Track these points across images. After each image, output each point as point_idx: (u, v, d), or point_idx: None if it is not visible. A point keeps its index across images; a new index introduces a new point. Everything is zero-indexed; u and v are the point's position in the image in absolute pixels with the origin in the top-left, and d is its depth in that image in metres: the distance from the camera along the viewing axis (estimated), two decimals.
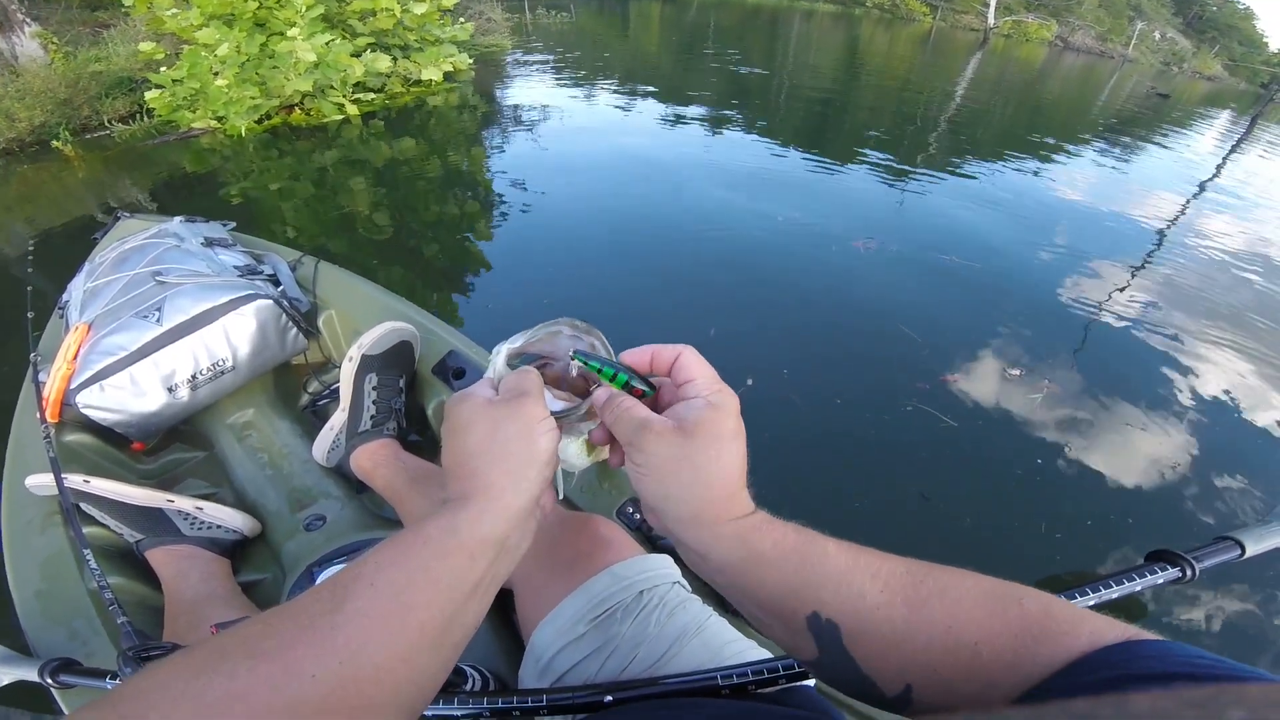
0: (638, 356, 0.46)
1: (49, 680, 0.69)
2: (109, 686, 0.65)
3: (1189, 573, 0.77)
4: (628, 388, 0.45)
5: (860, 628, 0.38)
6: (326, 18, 4.85)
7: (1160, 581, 0.75)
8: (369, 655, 0.32)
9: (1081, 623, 0.34)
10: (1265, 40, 33.43)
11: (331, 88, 4.80)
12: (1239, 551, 0.68)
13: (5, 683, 0.73)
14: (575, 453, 0.51)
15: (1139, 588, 0.72)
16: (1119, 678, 0.30)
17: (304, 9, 4.46)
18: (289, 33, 4.39)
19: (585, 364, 0.45)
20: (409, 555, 0.36)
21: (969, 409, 2.11)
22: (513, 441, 0.41)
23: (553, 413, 0.45)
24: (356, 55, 4.89)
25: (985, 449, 1.98)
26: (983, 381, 2.25)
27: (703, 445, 0.41)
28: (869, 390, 2.18)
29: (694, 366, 0.44)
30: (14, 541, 0.91)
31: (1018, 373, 2.30)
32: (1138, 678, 0.29)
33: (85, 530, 0.86)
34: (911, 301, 2.78)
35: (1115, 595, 0.68)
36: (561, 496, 0.58)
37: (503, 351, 0.49)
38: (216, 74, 4.31)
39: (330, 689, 0.30)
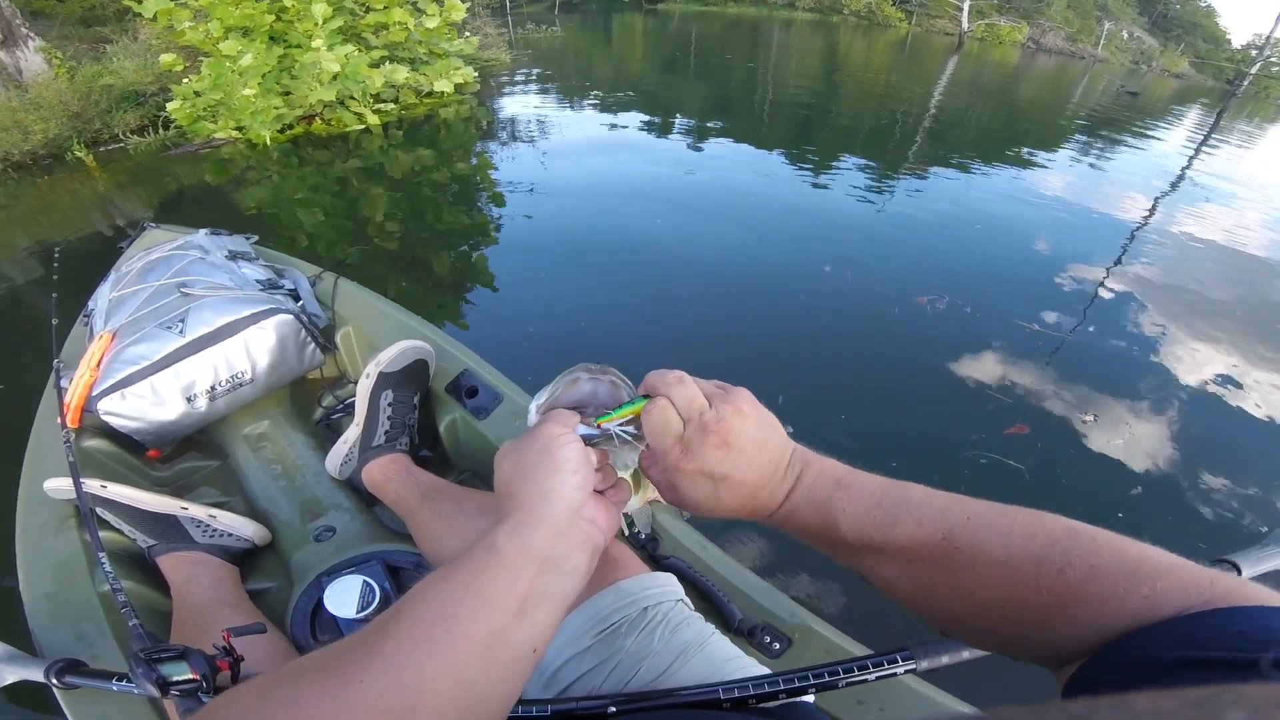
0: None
1: (54, 680, 0.66)
2: (114, 688, 0.63)
3: None
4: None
5: (886, 584, 0.41)
6: (341, 30, 4.78)
7: None
8: (414, 662, 0.32)
9: (1136, 585, 0.31)
10: (1228, 37, 32.91)
11: (352, 98, 4.74)
12: (1235, 575, 0.65)
13: (9, 682, 0.70)
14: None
15: None
16: (1146, 664, 0.27)
17: (323, 21, 4.39)
18: (313, 43, 4.32)
19: (611, 415, 0.46)
20: (456, 572, 0.37)
21: (1039, 455, 2.02)
22: (535, 458, 0.42)
23: (584, 437, 0.45)
24: (374, 66, 4.82)
25: (1059, 491, 1.92)
26: (1058, 429, 2.15)
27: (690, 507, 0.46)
28: (936, 440, 2.07)
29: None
30: (27, 543, 0.87)
31: (1091, 418, 2.22)
32: (1179, 664, 0.26)
33: (100, 534, 0.82)
34: (983, 361, 2.48)
35: None
36: (628, 534, 0.58)
37: (532, 409, 0.52)
38: (240, 84, 4.24)
39: (376, 695, 0.30)
